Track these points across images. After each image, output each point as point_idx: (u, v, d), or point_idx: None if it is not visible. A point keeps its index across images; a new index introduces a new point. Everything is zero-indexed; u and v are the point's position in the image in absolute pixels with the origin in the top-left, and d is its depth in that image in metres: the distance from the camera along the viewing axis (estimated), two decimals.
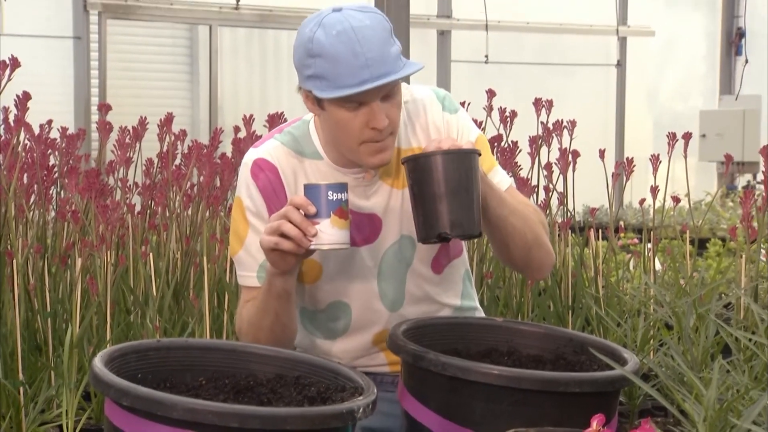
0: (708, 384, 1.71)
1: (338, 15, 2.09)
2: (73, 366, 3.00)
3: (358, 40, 2.05)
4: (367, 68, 2.05)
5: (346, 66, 2.05)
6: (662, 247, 4.07)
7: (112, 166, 3.95)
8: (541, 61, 9.68)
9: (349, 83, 2.05)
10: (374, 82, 2.05)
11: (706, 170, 9.85)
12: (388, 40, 2.09)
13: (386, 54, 2.07)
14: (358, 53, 2.05)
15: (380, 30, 2.08)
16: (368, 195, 2.22)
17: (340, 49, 2.05)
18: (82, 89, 7.69)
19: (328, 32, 2.07)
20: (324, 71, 2.07)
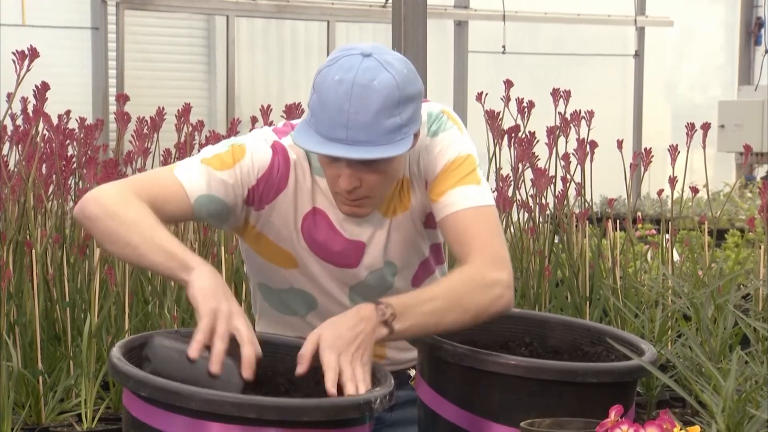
0: (726, 375, 1.71)
1: (356, 60, 1.97)
2: (91, 356, 3.01)
3: (351, 96, 1.95)
4: (345, 128, 1.95)
5: (329, 116, 1.96)
6: (680, 238, 4.06)
7: (130, 157, 3.96)
8: (558, 52, 9.65)
9: (324, 133, 1.97)
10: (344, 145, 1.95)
11: (724, 161, 9.81)
12: (389, 110, 1.96)
13: (375, 123, 1.95)
14: (343, 110, 1.95)
15: (384, 96, 1.95)
16: (360, 223, 2.15)
17: (331, 98, 1.96)
18: (100, 80, 7.72)
19: (332, 74, 1.97)
20: (315, 109, 2.00)
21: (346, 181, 2.01)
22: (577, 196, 3.89)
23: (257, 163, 2.09)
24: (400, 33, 4.49)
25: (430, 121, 2.15)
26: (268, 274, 2.22)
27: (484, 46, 9.23)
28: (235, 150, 2.09)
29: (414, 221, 2.19)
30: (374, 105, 1.95)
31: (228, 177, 2.08)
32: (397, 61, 2.00)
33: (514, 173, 3.86)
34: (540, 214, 3.86)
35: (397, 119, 1.97)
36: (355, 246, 2.16)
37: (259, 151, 2.11)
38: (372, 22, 8.75)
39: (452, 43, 9.22)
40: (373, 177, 2.02)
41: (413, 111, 2.01)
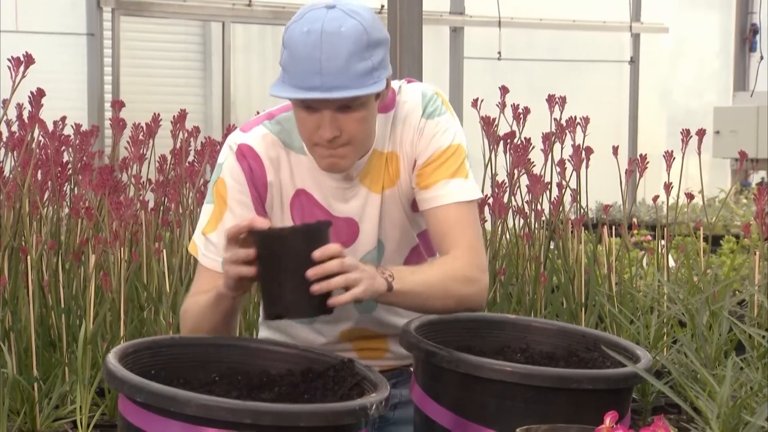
0: (721, 381, 1.71)
1: (322, 12, 2.03)
2: (86, 362, 3.01)
3: (321, 44, 2.00)
4: (318, 75, 1.99)
5: (301, 67, 2.01)
6: (676, 244, 4.06)
7: (125, 163, 3.96)
8: (554, 58, 9.66)
9: (299, 84, 2.01)
10: (320, 92, 1.99)
11: (720, 167, 9.83)
12: (359, 54, 2.01)
13: (346, 67, 2.00)
14: (315, 57, 1.99)
15: (352, 41, 2.01)
16: (347, 198, 2.18)
17: (301, 49, 2.01)
18: (96, 86, 7.72)
19: (300, 28, 2.03)
20: (286, 64, 2.04)
21: (327, 130, 2.05)
22: (573, 202, 3.89)
23: (236, 178, 2.15)
24: (396, 39, 4.50)
25: (425, 102, 2.19)
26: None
27: (480, 52, 9.24)
28: (218, 188, 2.17)
29: (401, 199, 2.21)
30: (344, 50, 2.00)
31: (231, 215, 2.14)
32: (361, 9, 2.07)
33: (509, 179, 3.86)
34: (535, 220, 3.86)
35: (368, 63, 2.02)
36: (346, 223, 2.18)
37: (230, 166, 2.16)
38: None
39: (448, 49, 9.23)
40: (352, 123, 2.06)
41: (383, 56, 2.06)
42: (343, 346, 2.28)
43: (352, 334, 2.27)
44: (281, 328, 2.30)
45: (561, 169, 3.90)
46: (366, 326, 2.28)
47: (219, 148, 3.89)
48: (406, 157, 2.19)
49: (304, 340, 2.26)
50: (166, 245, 3.63)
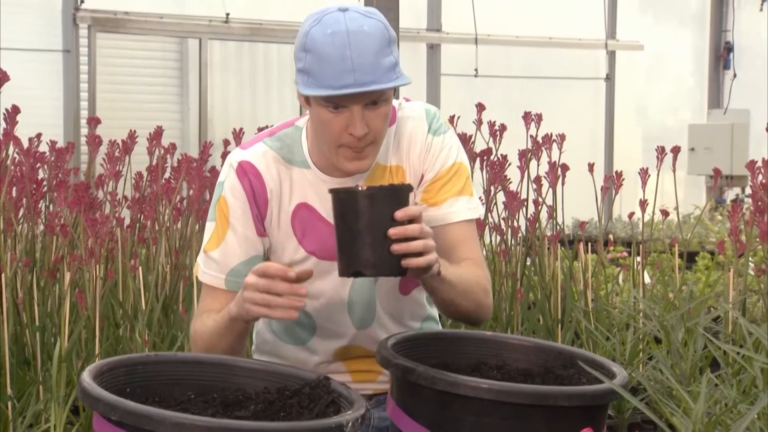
0: (696, 398, 1.71)
1: (339, 15, 2.08)
2: (61, 380, 2.99)
3: (349, 43, 2.04)
4: (351, 72, 2.04)
5: (332, 67, 2.04)
6: (651, 261, 4.08)
7: (101, 180, 3.94)
8: (530, 75, 9.71)
9: (331, 84, 2.04)
10: (354, 88, 2.04)
11: (694, 184, 9.89)
12: (384, 50, 2.07)
13: (376, 63, 2.05)
14: (346, 56, 2.04)
15: (377, 38, 2.06)
16: None
17: (329, 50, 2.04)
18: (72, 103, 7.69)
19: (323, 30, 2.06)
20: (312, 67, 2.06)
21: (359, 126, 2.08)
22: (549, 219, 3.91)
23: (238, 196, 2.18)
24: None
25: (429, 118, 2.25)
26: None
27: (457, 69, 9.27)
28: (220, 207, 2.20)
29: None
30: (372, 46, 2.05)
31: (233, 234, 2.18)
32: (373, 10, 2.13)
33: (486, 196, 3.87)
34: (512, 236, 3.87)
35: (391, 58, 2.08)
36: None
37: (231, 184, 2.19)
38: None
39: (425, 66, 9.25)
40: (378, 119, 2.11)
41: (398, 53, 2.13)
42: (337, 367, 2.30)
43: (347, 352, 2.29)
44: (274, 352, 2.33)
45: (537, 185, 3.91)
46: (361, 344, 2.29)
47: (195, 164, 3.89)
48: (413, 171, 2.23)
49: (296, 361, 2.27)
50: (142, 262, 3.62)
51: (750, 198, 3.35)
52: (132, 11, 7.87)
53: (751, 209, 3.33)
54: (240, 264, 2.18)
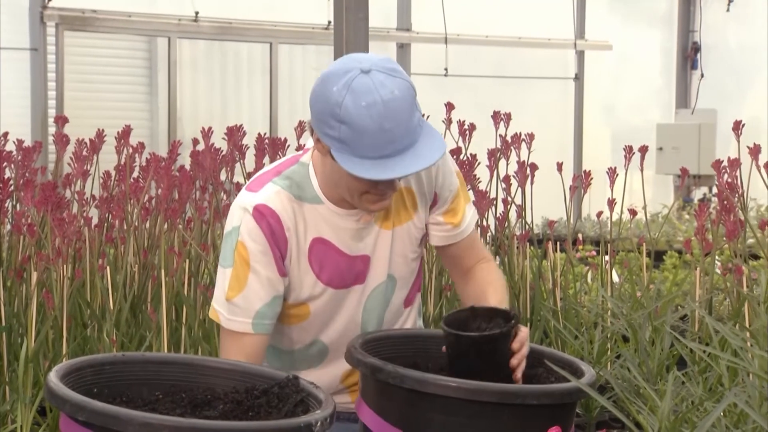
0: (662, 396, 1.72)
1: (368, 81, 2.07)
2: (28, 381, 2.97)
3: (386, 115, 2.05)
4: (392, 143, 2.06)
5: (372, 139, 2.06)
6: (620, 260, 4.10)
7: (68, 179, 3.92)
8: (500, 75, 9.73)
9: (369, 155, 2.06)
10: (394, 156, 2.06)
11: (663, 183, 9.94)
12: (413, 108, 2.10)
13: (410, 125, 2.08)
14: (385, 129, 2.05)
15: (409, 100, 2.08)
16: (362, 237, 2.25)
17: (368, 123, 2.05)
18: (39, 101, 7.63)
19: (357, 101, 2.05)
20: (348, 138, 2.07)
21: (391, 184, 2.15)
22: (518, 218, 3.92)
23: (257, 239, 2.19)
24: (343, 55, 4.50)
25: None
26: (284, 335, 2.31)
27: (427, 69, 9.28)
28: (239, 252, 2.20)
29: (411, 233, 2.29)
30: (406, 112, 2.09)
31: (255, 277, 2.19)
32: (391, 63, 2.14)
33: None
34: (481, 235, 3.88)
35: (417, 113, 2.13)
36: (361, 261, 2.26)
37: (249, 228, 2.19)
38: (315, 44, 8.76)
39: None
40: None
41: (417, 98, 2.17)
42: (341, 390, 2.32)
43: (354, 377, 2.31)
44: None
45: (506, 185, 3.92)
46: None
47: (164, 164, 3.87)
48: (425, 192, 2.29)
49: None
50: (110, 262, 3.60)
51: (716, 197, 3.38)
52: (100, 9, 7.82)
53: (718, 208, 3.36)
54: (264, 306, 2.19)
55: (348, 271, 2.24)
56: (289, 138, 3.96)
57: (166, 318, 3.17)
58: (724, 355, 1.80)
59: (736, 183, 3.40)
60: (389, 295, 2.30)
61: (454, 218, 2.31)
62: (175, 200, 3.81)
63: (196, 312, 3.31)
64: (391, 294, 2.30)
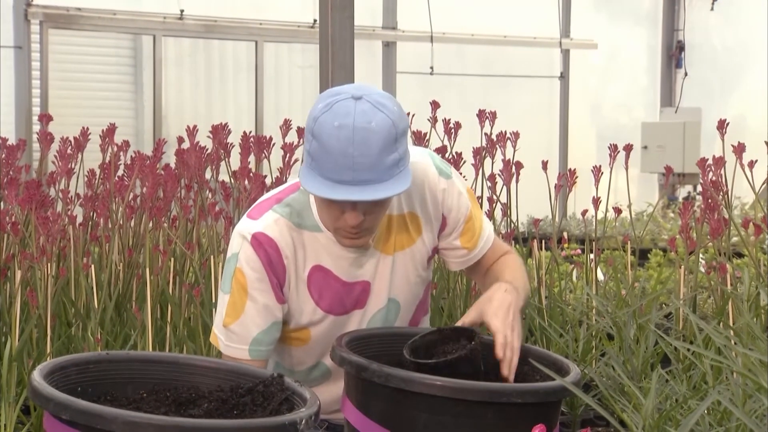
0: (647, 394, 1.73)
1: (351, 105, 2.07)
2: (12, 380, 2.96)
3: (353, 140, 2.05)
4: (351, 170, 2.05)
5: (334, 161, 2.06)
6: (605, 258, 4.11)
7: (53, 177, 3.90)
8: (485, 73, 9.74)
9: (330, 177, 2.07)
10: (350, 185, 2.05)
11: (648, 181, 9.97)
12: (388, 148, 2.07)
13: (378, 161, 2.06)
14: (348, 153, 2.05)
15: (383, 136, 2.06)
16: (362, 263, 2.26)
17: (334, 144, 2.06)
18: (24, 99, 7.60)
19: (331, 121, 2.07)
20: (316, 154, 2.09)
21: (353, 218, 2.13)
22: (504, 217, 3.92)
23: (255, 267, 2.20)
24: (328, 54, 4.51)
25: (435, 162, 2.31)
26: (282, 355, 2.34)
27: (413, 67, 9.29)
28: (237, 279, 2.21)
29: (415, 257, 2.30)
30: (376, 146, 2.06)
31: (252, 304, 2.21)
32: (386, 99, 2.11)
33: None
34: None
35: (395, 155, 2.09)
36: (360, 287, 2.27)
37: (247, 256, 2.21)
38: (300, 42, 8.75)
39: (381, 64, 9.25)
40: (376, 211, 2.16)
41: (406, 144, 2.14)
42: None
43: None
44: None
45: (492, 183, 3.92)
46: None
47: (149, 162, 3.86)
48: (431, 217, 2.30)
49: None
50: (95, 260, 3.59)
51: (701, 196, 3.39)
52: (84, 7, 7.80)
53: (702, 207, 3.37)
54: (260, 333, 2.21)
55: (347, 296, 2.25)
56: (275, 136, 3.95)
57: (151, 317, 3.16)
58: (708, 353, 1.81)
59: (720, 181, 3.41)
60: (391, 319, 2.32)
61: (469, 242, 2.32)
62: (160, 199, 3.80)
63: (180, 311, 3.30)
64: (394, 317, 2.32)
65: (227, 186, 3.85)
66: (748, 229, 3.28)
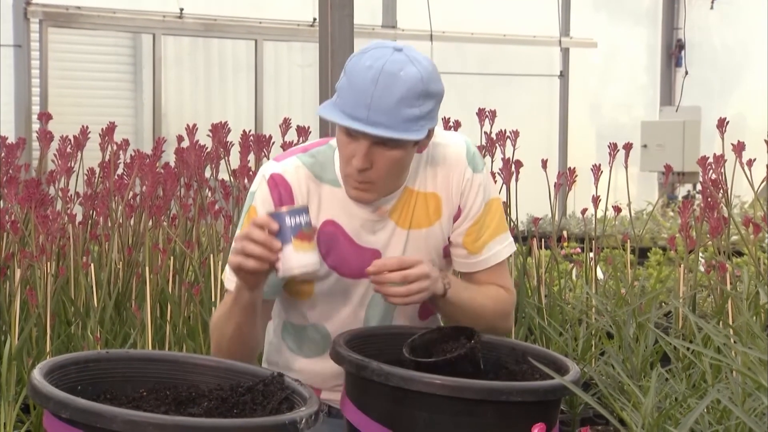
0: (646, 392, 1.73)
1: (387, 53, 2.10)
2: (11, 379, 2.96)
3: (377, 82, 2.07)
4: (367, 109, 2.07)
5: (354, 97, 2.08)
6: (604, 257, 4.11)
7: (52, 176, 3.90)
8: (485, 72, 9.74)
9: (346, 111, 2.09)
10: (361, 123, 2.07)
11: (647, 180, 9.97)
12: (410, 101, 2.08)
13: (395, 109, 2.07)
14: (368, 92, 2.07)
15: (408, 86, 2.08)
16: (375, 230, 2.25)
17: (359, 81, 2.08)
18: (23, 98, 7.60)
19: (363, 61, 2.10)
20: (341, 89, 2.12)
21: (359, 160, 2.12)
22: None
23: (267, 206, 2.21)
24: (328, 52, 4.51)
25: (470, 154, 2.29)
26: (289, 309, 2.32)
27: None
28: (250, 216, 2.22)
29: (429, 241, 2.28)
30: (397, 92, 2.08)
31: None
32: (426, 60, 2.14)
33: None
34: None
35: (416, 110, 2.10)
36: (371, 255, 2.25)
37: (263, 195, 2.23)
38: (300, 41, 8.76)
39: None
40: (384, 161, 2.14)
41: (432, 107, 2.14)
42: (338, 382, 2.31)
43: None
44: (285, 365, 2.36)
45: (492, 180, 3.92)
46: None
47: (148, 161, 3.86)
48: (451, 202, 2.27)
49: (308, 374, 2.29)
50: (94, 259, 3.59)
51: (701, 194, 3.39)
52: (84, 6, 7.79)
53: (702, 205, 3.37)
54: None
55: (355, 259, 2.24)
56: (274, 135, 3.95)
57: (151, 315, 3.16)
58: (707, 352, 1.81)
59: (720, 180, 3.41)
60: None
61: (471, 244, 2.28)
62: (160, 197, 3.80)
63: (180, 309, 3.30)
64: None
65: (227, 185, 3.85)
66: (748, 228, 3.28)
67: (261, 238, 2.03)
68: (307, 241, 2.04)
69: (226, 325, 2.19)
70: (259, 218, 2.05)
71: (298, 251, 2.03)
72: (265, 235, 2.03)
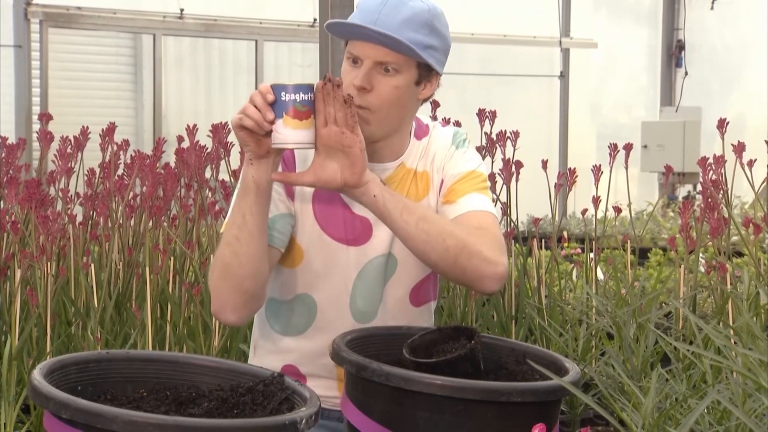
0: (646, 393, 1.73)
1: None
2: (11, 379, 2.96)
3: (386, 3, 2.17)
4: (373, 24, 2.15)
5: (361, 15, 2.18)
6: (604, 257, 4.11)
7: (53, 176, 3.90)
8: (485, 72, 9.75)
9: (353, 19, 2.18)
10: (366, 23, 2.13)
11: (648, 180, 9.97)
12: (415, 26, 2.17)
13: (401, 28, 2.15)
14: (375, 10, 2.16)
15: (414, 12, 2.17)
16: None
17: (369, 3, 2.19)
18: (24, 98, 7.61)
19: None
20: (353, 14, 2.22)
21: (360, 77, 2.18)
22: (503, 216, 3.92)
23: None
24: (328, 53, 4.51)
25: (455, 136, 2.37)
26: (276, 279, 2.31)
27: None
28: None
29: None
30: (404, 15, 2.17)
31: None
32: (436, 6, 2.25)
33: None
34: None
35: (420, 36, 2.18)
36: (361, 223, 2.27)
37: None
38: (300, 41, 8.76)
39: None
40: (384, 86, 2.19)
41: (436, 45, 2.22)
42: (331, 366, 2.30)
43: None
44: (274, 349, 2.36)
45: (491, 182, 3.92)
46: None
47: (149, 161, 3.86)
48: (437, 178, 2.32)
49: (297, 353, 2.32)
50: (95, 259, 3.59)
51: (701, 195, 3.39)
52: (84, 6, 7.80)
53: (702, 206, 3.37)
54: (275, 215, 2.23)
55: (347, 225, 2.26)
56: None
57: (151, 316, 3.16)
58: (707, 353, 1.82)
59: (720, 180, 3.41)
60: (388, 275, 2.30)
61: (449, 197, 2.28)
62: (160, 198, 3.80)
63: (180, 309, 3.30)
64: (391, 274, 2.30)
65: (227, 185, 3.85)
66: (748, 229, 3.28)
67: (258, 104, 2.07)
68: (299, 119, 2.06)
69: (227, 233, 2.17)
70: (263, 86, 2.10)
71: (287, 127, 2.06)
72: (262, 102, 2.06)
